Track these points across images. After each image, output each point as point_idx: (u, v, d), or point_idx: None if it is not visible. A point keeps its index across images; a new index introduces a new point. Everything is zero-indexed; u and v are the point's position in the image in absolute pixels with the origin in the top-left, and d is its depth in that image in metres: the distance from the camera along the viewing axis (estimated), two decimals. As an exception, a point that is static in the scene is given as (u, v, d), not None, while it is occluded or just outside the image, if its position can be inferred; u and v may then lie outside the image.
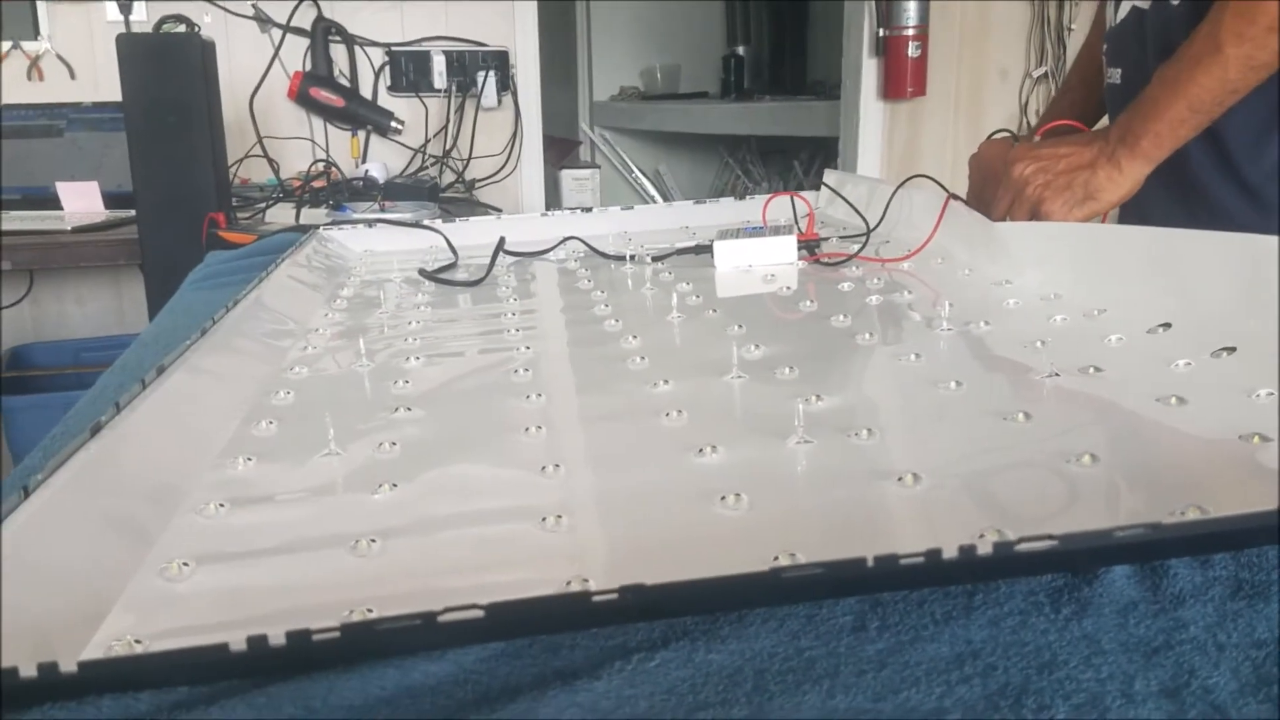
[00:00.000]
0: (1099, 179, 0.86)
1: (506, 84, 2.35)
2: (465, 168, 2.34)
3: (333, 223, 1.26)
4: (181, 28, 1.46)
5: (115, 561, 0.41)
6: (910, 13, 2.39)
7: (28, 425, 1.88)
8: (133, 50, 1.40)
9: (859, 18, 2.50)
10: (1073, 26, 2.52)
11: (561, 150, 3.42)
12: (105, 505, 0.45)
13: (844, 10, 2.60)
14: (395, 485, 0.48)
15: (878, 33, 2.45)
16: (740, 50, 3.90)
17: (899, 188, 1.05)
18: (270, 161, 2.20)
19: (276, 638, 0.29)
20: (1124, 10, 1.00)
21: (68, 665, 0.29)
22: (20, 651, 0.31)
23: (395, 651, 0.32)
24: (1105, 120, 1.11)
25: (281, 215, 1.79)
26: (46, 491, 0.42)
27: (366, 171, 2.17)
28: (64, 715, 0.31)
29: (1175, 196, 0.93)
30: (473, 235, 1.20)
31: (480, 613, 0.29)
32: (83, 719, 0.31)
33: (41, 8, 2.16)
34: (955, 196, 0.94)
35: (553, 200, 2.61)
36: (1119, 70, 1.02)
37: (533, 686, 0.32)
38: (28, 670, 0.28)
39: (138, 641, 0.35)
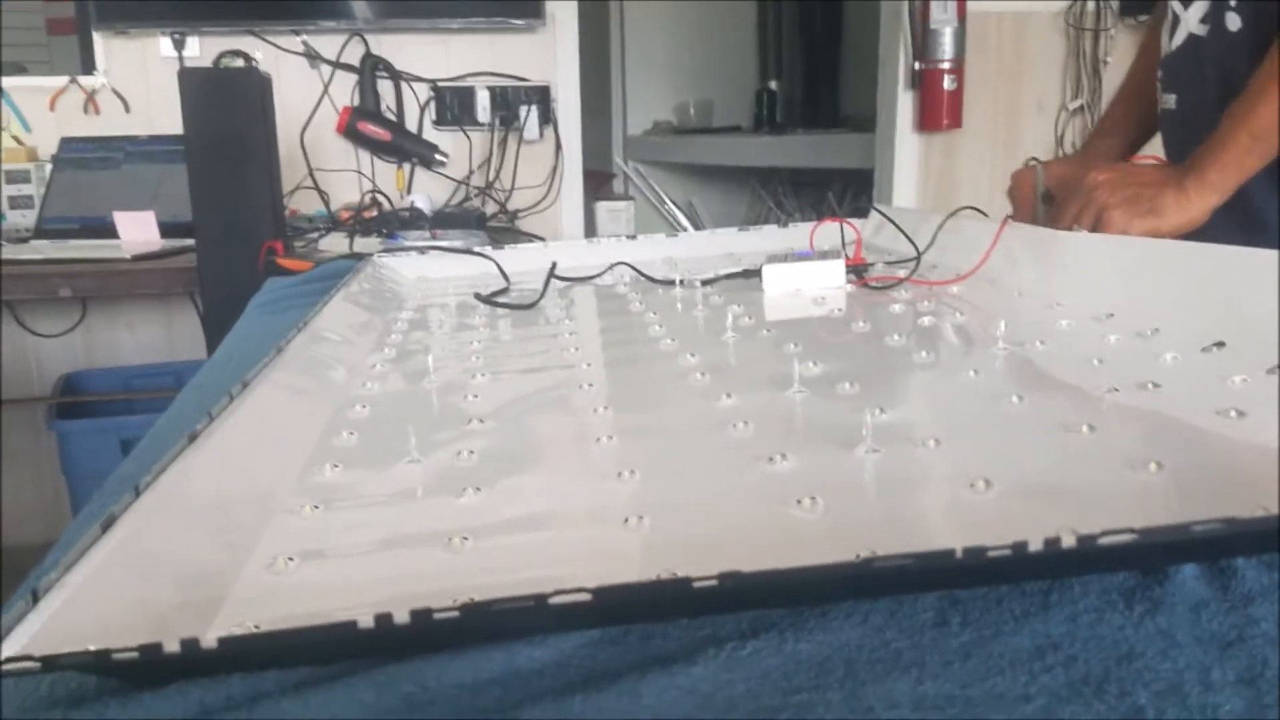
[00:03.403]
0: (1166, 199, 0.89)
1: (547, 117, 2.39)
2: (508, 198, 2.38)
3: (386, 250, 1.29)
4: (240, 62, 1.51)
5: (224, 557, 0.43)
6: (946, 46, 2.41)
7: (80, 449, 1.93)
8: (194, 85, 1.45)
9: (894, 51, 2.53)
10: (1108, 59, 2.54)
11: (596, 182, 3.46)
12: (208, 505, 0.47)
13: (879, 44, 2.63)
14: (479, 489, 0.50)
15: (913, 66, 2.48)
16: (773, 85, 3.94)
17: (950, 216, 1.06)
18: (320, 193, 2.25)
19: (401, 616, 0.31)
20: (1180, 37, 1.02)
21: (208, 641, 0.31)
22: (146, 635, 0.33)
23: (506, 634, 0.34)
24: (1149, 149, 1.13)
25: (334, 245, 1.83)
26: (155, 491, 0.45)
27: (413, 203, 2.21)
28: (196, 692, 0.33)
29: (1234, 219, 0.94)
30: (521, 262, 1.23)
31: (588, 596, 0.31)
32: (215, 695, 0.33)
33: (98, 43, 2.23)
34: (1010, 219, 0.96)
35: (589, 231, 2.64)
36: (1174, 96, 1.04)
37: (632, 670, 0.34)
38: (171, 646, 0.30)
39: (257, 627, 0.37)
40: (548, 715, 0.32)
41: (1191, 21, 1.00)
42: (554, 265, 1.15)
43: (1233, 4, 0.95)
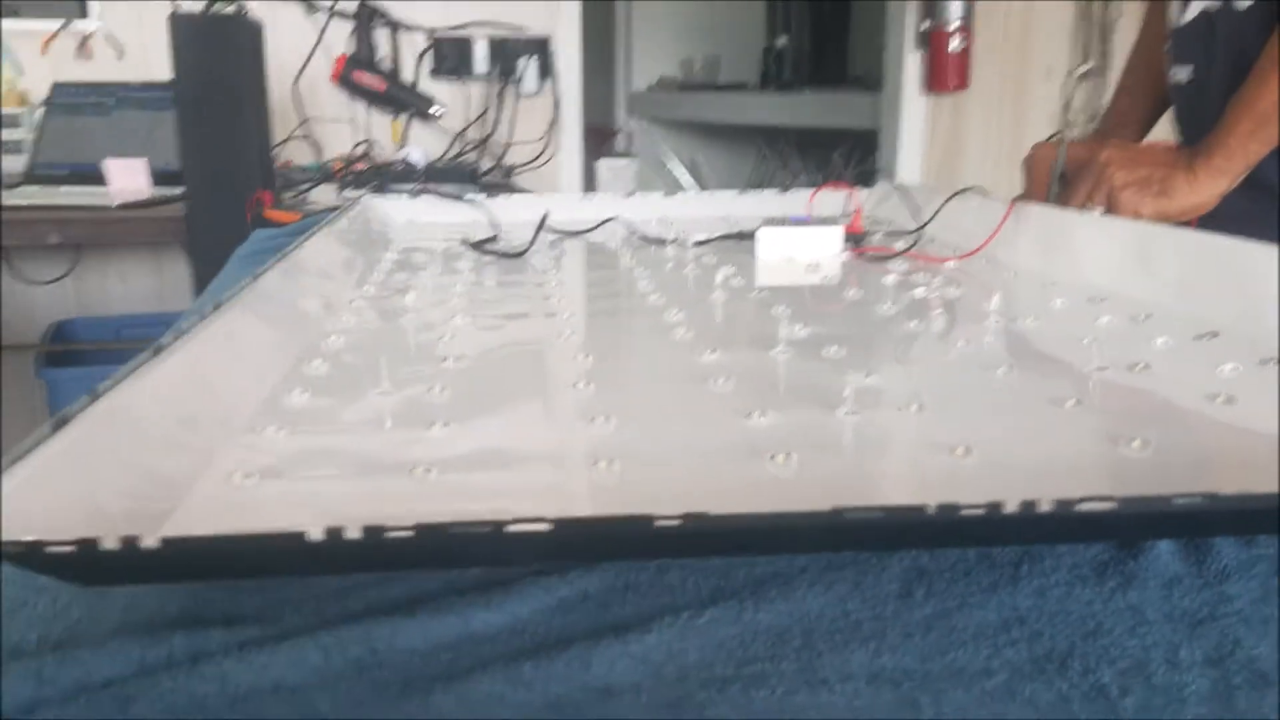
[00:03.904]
0: (1176, 180, 0.90)
1: (547, 71, 2.36)
2: (504, 153, 2.35)
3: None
4: (231, 9, 1.48)
5: (179, 467, 0.42)
6: (954, 8, 2.37)
7: (70, 398, 1.89)
8: (184, 30, 1.42)
9: (902, 11, 2.48)
10: (1118, 24, 2.49)
11: (598, 139, 3.43)
12: (168, 416, 0.46)
13: (886, 3, 2.58)
14: (448, 424, 0.49)
15: (921, 26, 2.44)
16: (781, 42, 3.88)
17: (954, 196, 1.05)
18: (313, 143, 2.22)
19: (353, 532, 0.30)
20: (1192, 11, 1.01)
21: (149, 541, 0.29)
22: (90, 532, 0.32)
23: (462, 560, 0.33)
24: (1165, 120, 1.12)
25: (324, 196, 1.81)
26: (113, 398, 0.43)
27: (407, 155, 2.19)
28: (136, 651, 0.32)
29: (1249, 200, 0.94)
30: (514, 212, 1.21)
31: (548, 526, 0.30)
32: (156, 652, 0.32)
33: (93, -13, 2.19)
34: (1019, 198, 0.96)
35: (589, 189, 2.62)
36: (1187, 69, 1.03)
37: (586, 637, 0.33)
38: (110, 543, 0.29)
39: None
40: (495, 682, 0.31)
41: None
42: (545, 215, 1.13)
43: None
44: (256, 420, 0.50)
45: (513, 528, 0.30)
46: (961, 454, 0.43)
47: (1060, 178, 1.01)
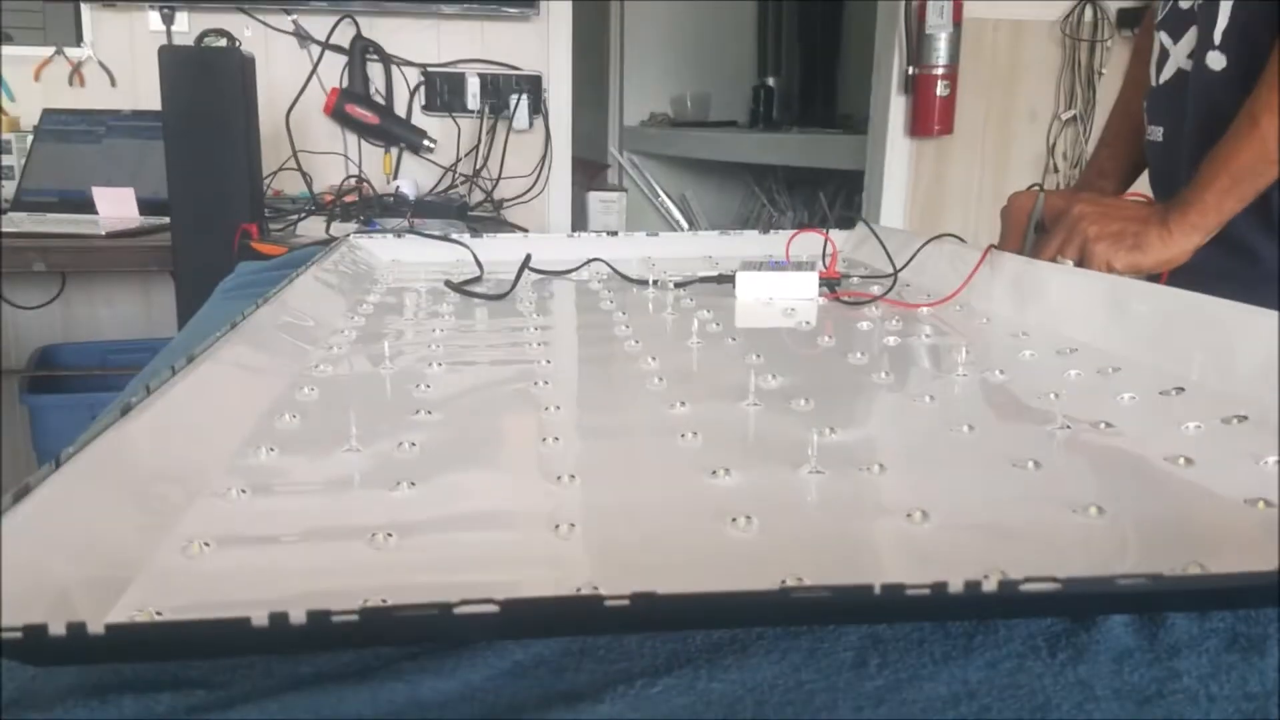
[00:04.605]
0: (1149, 236, 0.90)
1: (538, 107, 2.38)
2: (494, 187, 2.36)
3: (362, 231, 1.28)
4: (223, 42, 1.50)
5: (139, 536, 0.42)
6: (940, 52, 2.40)
7: (54, 424, 1.91)
8: (174, 62, 1.43)
9: (889, 54, 2.51)
10: (1103, 70, 2.53)
11: (589, 173, 3.45)
12: (131, 481, 0.46)
13: (874, 46, 2.61)
14: (413, 484, 0.49)
15: (907, 70, 2.47)
16: (770, 81, 3.93)
17: (930, 241, 1.06)
18: (304, 175, 2.24)
19: (298, 616, 0.30)
20: (1169, 72, 1.02)
21: (95, 627, 0.30)
22: (43, 612, 0.32)
23: (409, 638, 0.33)
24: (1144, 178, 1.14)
25: (313, 228, 1.81)
26: (77, 464, 0.43)
27: (398, 188, 2.20)
28: (84, 715, 0.32)
29: (1222, 254, 0.95)
30: (499, 252, 1.22)
31: (495, 608, 0.30)
32: (104, 718, 0.32)
33: (86, 15, 2.20)
34: (994, 247, 0.97)
35: (579, 221, 2.63)
36: (1161, 129, 1.04)
37: (537, 707, 0.33)
38: (56, 628, 0.29)
39: (158, 613, 0.36)
40: (442, 753, 0.31)
41: (1180, 56, 1.00)
42: (528, 257, 1.14)
43: (1216, 43, 0.94)
44: (222, 481, 0.49)
45: (461, 609, 0.30)
46: (919, 519, 0.43)
47: (1037, 227, 1.02)
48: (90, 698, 0.33)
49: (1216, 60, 0.95)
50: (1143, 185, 1.17)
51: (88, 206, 1.89)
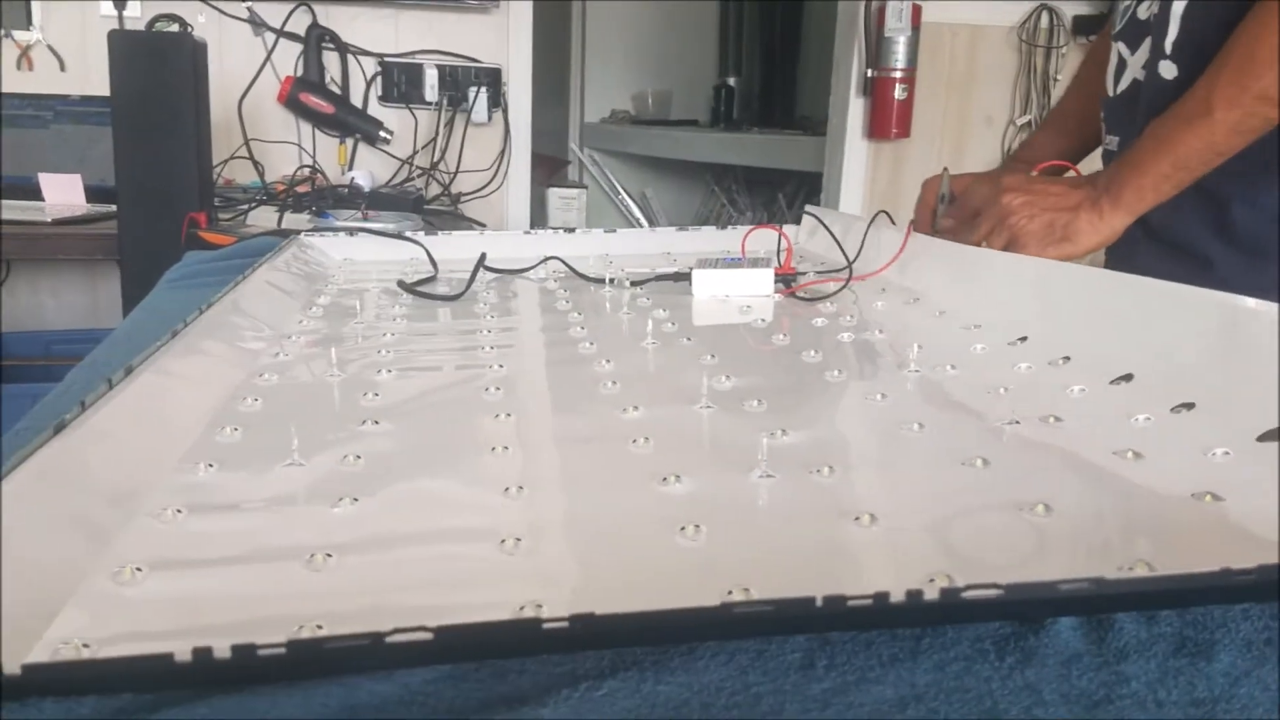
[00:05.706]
0: (1080, 223, 0.88)
1: (498, 101, 2.36)
2: (452, 181, 2.34)
3: (314, 229, 1.26)
4: (174, 27, 1.46)
5: (70, 562, 0.41)
6: (899, 55, 2.42)
7: (-7, 415, 1.86)
8: (123, 47, 1.40)
9: (848, 57, 2.53)
10: (1059, 76, 2.56)
11: (549, 168, 3.43)
12: (64, 504, 0.45)
13: (834, 49, 2.63)
14: (356, 500, 0.47)
15: (866, 73, 2.48)
16: (731, 81, 3.94)
17: (871, 221, 1.08)
18: (255, 164, 2.20)
19: (222, 651, 0.29)
20: (1125, 82, 1.02)
21: (11, 668, 0.28)
22: None
23: (342, 670, 0.32)
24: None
25: (264, 218, 1.78)
26: (7, 485, 0.42)
27: (353, 179, 2.17)
28: (8, 715, 0.31)
29: (1163, 243, 0.95)
30: (454, 249, 1.20)
31: (429, 635, 0.30)
32: (25, 719, 0.31)
33: (35, -2, 2.15)
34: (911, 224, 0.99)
35: (538, 217, 2.61)
36: (1116, 138, 1.04)
37: (478, 710, 0.32)
38: None
39: (86, 645, 0.35)
40: (377, 759, 0.30)
41: (1136, 67, 1.01)
42: (483, 256, 1.13)
43: (1168, 52, 0.95)
44: (158, 500, 0.48)
45: (393, 638, 0.29)
46: (867, 523, 0.43)
47: (942, 197, 1.03)
48: (14, 698, 0.32)
49: (1168, 69, 0.95)
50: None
51: (34, 193, 1.84)
